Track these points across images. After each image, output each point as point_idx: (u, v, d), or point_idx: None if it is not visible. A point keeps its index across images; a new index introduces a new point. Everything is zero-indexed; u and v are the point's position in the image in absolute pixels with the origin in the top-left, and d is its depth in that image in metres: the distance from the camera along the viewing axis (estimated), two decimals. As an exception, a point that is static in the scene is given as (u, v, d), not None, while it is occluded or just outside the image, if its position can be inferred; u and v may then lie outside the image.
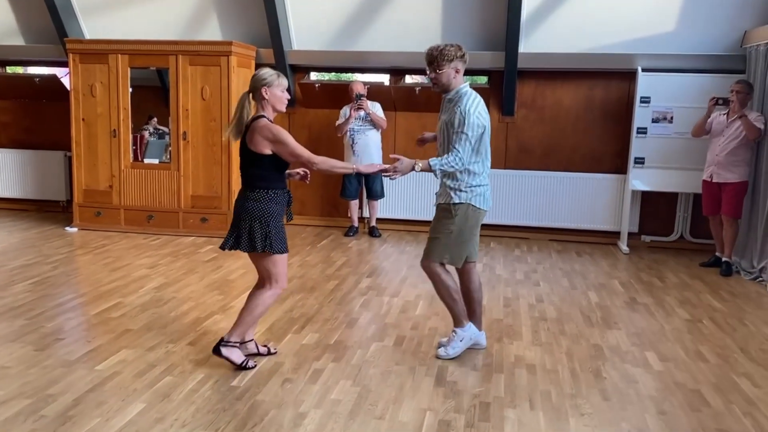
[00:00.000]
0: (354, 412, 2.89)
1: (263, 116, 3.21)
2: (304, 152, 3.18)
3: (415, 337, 3.84)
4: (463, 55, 3.36)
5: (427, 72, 3.40)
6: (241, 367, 3.28)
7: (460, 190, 3.38)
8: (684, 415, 2.96)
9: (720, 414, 2.99)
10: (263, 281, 3.31)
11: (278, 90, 3.21)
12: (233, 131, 3.25)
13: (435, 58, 3.33)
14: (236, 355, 3.30)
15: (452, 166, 3.28)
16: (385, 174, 3.30)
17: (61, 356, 3.40)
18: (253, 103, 3.26)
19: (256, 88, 3.21)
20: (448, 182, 3.40)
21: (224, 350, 3.29)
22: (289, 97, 3.33)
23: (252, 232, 3.18)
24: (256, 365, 3.35)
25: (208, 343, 3.64)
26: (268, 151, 3.16)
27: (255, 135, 3.15)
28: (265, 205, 3.20)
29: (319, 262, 5.56)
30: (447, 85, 3.38)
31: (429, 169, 3.28)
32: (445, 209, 3.42)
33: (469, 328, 3.57)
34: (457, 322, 3.55)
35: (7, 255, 5.54)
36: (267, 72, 3.22)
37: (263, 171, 3.21)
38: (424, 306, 4.41)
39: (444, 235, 3.42)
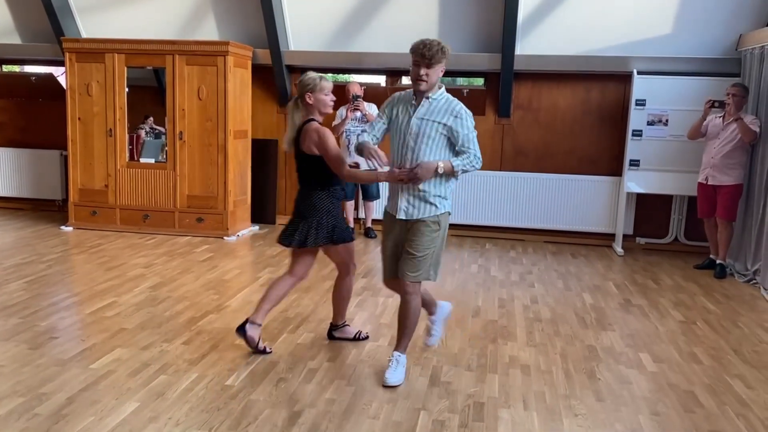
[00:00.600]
0: (348, 412, 2.89)
1: (313, 119, 3.41)
2: (338, 161, 3.34)
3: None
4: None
5: (419, 64, 3.07)
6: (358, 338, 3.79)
7: (445, 198, 3.19)
8: (677, 416, 2.97)
9: (713, 415, 3.00)
10: (340, 270, 3.67)
11: (321, 94, 3.38)
12: (288, 140, 3.47)
13: (435, 53, 3.03)
14: (349, 331, 3.81)
15: (474, 166, 3.16)
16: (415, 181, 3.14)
17: (54, 355, 3.39)
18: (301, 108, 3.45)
19: (300, 94, 3.40)
20: (435, 190, 3.15)
21: (337, 333, 3.77)
22: (334, 98, 3.45)
23: (319, 227, 3.43)
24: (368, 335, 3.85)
25: (203, 342, 3.65)
26: (317, 152, 3.35)
27: (306, 137, 3.37)
28: (330, 201, 3.46)
29: (315, 262, 5.55)
30: (434, 84, 3.13)
31: (451, 170, 3.11)
32: (433, 222, 3.17)
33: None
34: (404, 348, 3.31)
35: (1, 253, 5.53)
36: (310, 77, 3.39)
37: (321, 170, 3.39)
38: (419, 306, 4.41)
39: (432, 250, 3.19)
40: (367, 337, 3.81)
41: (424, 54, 3.04)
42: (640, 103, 6.22)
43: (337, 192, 3.49)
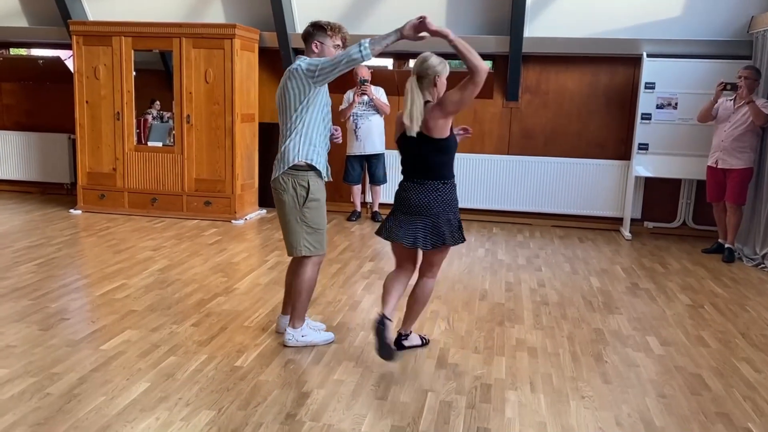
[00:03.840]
0: (356, 393, 2.91)
1: (429, 101, 3.14)
2: (471, 85, 3.07)
3: (416, 320, 3.85)
4: None
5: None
6: (426, 343, 3.47)
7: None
8: (684, 399, 2.98)
9: (720, 398, 3.01)
10: (428, 272, 3.26)
11: (445, 78, 3.20)
12: (413, 118, 3.05)
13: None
14: (417, 339, 3.46)
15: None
16: None
17: (65, 336, 3.43)
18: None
19: (427, 75, 3.16)
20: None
21: (406, 342, 3.41)
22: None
23: (451, 224, 3.13)
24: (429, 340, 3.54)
25: (212, 324, 3.67)
26: (447, 134, 3.10)
27: (431, 118, 3.07)
28: (455, 195, 3.19)
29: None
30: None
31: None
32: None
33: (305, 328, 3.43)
34: (300, 321, 3.38)
35: (11, 237, 5.57)
36: (436, 60, 3.16)
37: (448, 157, 3.14)
38: (426, 290, 4.42)
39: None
40: (428, 342, 3.51)
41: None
42: (650, 86, 6.17)
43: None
